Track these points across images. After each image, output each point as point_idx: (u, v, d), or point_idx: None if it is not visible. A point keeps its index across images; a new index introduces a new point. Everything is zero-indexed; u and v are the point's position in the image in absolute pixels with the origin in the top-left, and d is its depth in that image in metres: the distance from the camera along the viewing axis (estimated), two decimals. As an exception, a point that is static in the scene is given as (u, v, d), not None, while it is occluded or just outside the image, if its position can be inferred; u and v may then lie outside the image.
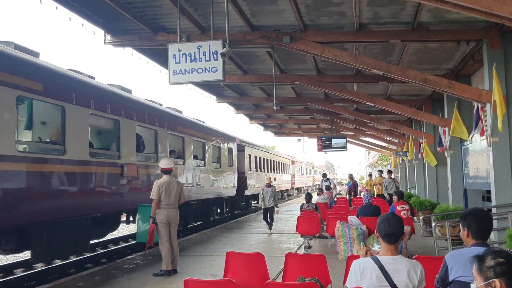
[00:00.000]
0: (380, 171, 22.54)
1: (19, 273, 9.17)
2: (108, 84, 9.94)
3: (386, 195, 16.96)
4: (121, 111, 9.49)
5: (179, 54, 7.79)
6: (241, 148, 20.32)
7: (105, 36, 9.46)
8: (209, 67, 7.67)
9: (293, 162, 38.57)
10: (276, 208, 13.30)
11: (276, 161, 30.16)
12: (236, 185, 18.81)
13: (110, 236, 11.82)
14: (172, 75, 7.87)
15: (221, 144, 16.93)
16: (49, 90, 7.36)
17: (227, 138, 18.04)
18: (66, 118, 7.74)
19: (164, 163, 8.05)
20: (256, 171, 23.35)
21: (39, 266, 9.75)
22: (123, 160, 9.43)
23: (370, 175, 24.24)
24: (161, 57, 11.03)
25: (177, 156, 12.71)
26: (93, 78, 9.33)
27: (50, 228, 7.69)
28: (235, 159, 18.85)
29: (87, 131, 8.48)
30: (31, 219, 7.11)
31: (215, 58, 7.60)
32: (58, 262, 10.15)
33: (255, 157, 23.40)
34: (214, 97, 16.61)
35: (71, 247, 8.48)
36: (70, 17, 8.23)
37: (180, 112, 13.81)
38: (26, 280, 8.56)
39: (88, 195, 8.37)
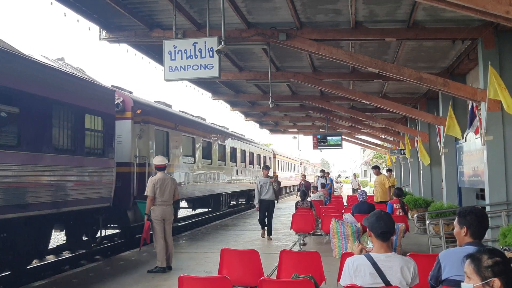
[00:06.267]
0: (377, 168, 14.57)
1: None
2: (226, 128, 19.77)
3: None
4: (238, 144, 20.09)
5: (175, 51, 7.77)
6: (274, 156, 32.11)
7: (100, 32, 9.40)
8: (205, 64, 7.65)
9: (301, 163, 49.24)
10: None
11: (292, 164, 42.44)
12: None
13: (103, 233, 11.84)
14: (167, 71, 7.85)
15: (266, 154, 28.47)
16: (220, 139, 17.24)
17: (267, 150, 30.53)
18: (226, 149, 17.94)
19: (158, 159, 8.02)
20: (281, 171, 35.56)
21: (34, 263, 9.70)
22: (238, 167, 20.04)
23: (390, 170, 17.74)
24: (156, 54, 10.99)
25: (249, 163, 22.88)
26: (227, 128, 19.92)
27: (215, 198, 17.31)
28: (272, 163, 30.22)
29: (230, 154, 18.37)
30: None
31: (211, 55, 7.58)
32: (53, 259, 10.12)
33: (281, 161, 35.89)
34: (209, 94, 16.57)
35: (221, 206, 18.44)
36: (65, 13, 8.18)
37: (243, 135, 22.66)
38: (20, 276, 8.51)
39: (223, 183, 17.96)
